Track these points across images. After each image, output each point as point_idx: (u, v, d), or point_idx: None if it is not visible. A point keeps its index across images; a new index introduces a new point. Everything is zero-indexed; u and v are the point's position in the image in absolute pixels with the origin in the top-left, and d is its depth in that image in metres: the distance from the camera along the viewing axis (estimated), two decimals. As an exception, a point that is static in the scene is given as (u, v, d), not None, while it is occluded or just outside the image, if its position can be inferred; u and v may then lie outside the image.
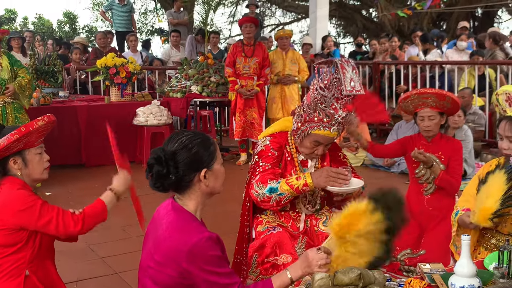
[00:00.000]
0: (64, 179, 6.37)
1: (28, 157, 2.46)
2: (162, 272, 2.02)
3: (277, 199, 2.77)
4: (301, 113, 2.84)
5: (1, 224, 2.35)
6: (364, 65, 9.65)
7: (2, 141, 2.34)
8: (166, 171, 2.04)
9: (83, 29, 22.76)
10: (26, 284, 2.38)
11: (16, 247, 2.37)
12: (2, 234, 2.36)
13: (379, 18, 15.51)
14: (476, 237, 2.91)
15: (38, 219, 2.36)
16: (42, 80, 7.85)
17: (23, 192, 2.40)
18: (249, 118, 7.40)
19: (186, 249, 1.96)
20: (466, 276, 1.96)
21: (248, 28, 7.37)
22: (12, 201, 2.37)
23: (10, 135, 2.34)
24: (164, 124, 7.37)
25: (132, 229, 4.64)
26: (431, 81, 8.27)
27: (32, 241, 2.40)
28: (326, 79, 2.74)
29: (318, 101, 2.75)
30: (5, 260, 2.37)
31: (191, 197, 2.12)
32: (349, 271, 2.08)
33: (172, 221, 2.06)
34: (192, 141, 2.09)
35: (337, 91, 2.72)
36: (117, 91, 7.64)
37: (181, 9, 11.71)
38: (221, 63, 8.28)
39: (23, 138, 2.38)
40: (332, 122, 2.75)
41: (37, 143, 2.49)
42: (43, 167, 2.52)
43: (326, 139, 2.83)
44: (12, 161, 2.43)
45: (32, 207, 2.36)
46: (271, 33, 13.04)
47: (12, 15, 22.08)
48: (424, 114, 3.50)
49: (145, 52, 11.01)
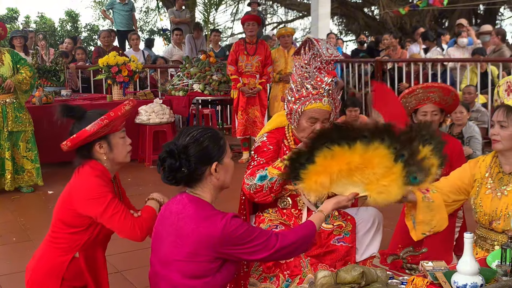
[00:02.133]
0: (66, 177, 6.32)
1: (113, 141, 2.50)
2: (194, 261, 2.10)
3: (269, 185, 2.79)
4: (290, 93, 2.90)
5: (70, 204, 2.43)
6: (366, 63, 9.64)
7: (92, 127, 2.38)
8: (178, 164, 2.10)
9: (85, 27, 22.79)
10: (72, 264, 2.44)
11: (76, 230, 2.44)
12: (69, 213, 2.44)
13: (381, 15, 15.48)
14: (452, 238, 2.96)
15: (103, 212, 2.39)
16: (44, 79, 7.85)
17: (99, 181, 2.43)
18: (251, 116, 7.40)
19: (217, 234, 2.06)
20: (469, 274, 1.96)
21: (250, 26, 7.36)
22: (86, 187, 2.42)
23: (100, 120, 2.38)
24: (166, 123, 7.37)
25: (135, 228, 4.64)
26: (433, 79, 8.25)
27: (92, 229, 2.46)
28: (306, 58, 2.88)
29: (303, 77, 2.85)
30: (62, 235, 2.45)
31: (204, 189, 2.20)
32: (351, 270, 2.08)
33: (194, 213, 2.13)
34: (203, 135, 2.16)
35: (318, 64, 2.85)
36: (119, 90, 7.65)
37: (183, 7, 11.70)
38: (223, 61, 8.27)
39: (111, 123, 2.43)
40: (320, 92, 2.82)
41: (121, 127, 2.54)
42: (127, 150, 2.56)
43: (321, 113, 2.84)
44: (98, 145, 2.47)
45: (101, 199, 2.39)
46: (273, 31, 13.00)
47: (14, 14, 22.10)
48: (427, 109, 3.49)
49: (148, 51, 11.01)
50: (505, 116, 2.62)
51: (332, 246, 2.89)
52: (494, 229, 2.68)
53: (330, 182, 2.45)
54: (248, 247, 2.12)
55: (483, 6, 15.53)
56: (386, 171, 2.44)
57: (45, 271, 2.45)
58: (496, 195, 2.68)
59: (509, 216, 2.60)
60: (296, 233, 2.27)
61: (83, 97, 8.06)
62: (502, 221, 2.63)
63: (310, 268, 2.79)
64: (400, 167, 2.44)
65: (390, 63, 9.19)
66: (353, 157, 2.42)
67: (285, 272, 2.77)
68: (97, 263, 2.55)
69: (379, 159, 2.43)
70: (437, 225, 2.81)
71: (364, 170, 2.45)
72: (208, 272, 2.11)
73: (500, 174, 2.72)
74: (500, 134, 2.64)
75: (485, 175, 2.76)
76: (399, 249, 3.53)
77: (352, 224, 2.96)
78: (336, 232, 2.93)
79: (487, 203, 2.70)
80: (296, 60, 2.91)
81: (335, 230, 2.93)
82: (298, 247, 2.27)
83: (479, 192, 2.76)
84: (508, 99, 2.66)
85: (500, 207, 2.65)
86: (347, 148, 2.42)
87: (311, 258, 2.83)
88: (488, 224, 2.70)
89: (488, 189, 2.73)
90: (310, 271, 2.77)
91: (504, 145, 2.64)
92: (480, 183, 2.77)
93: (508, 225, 2.60)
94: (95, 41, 21.59)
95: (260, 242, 2.13)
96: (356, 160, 2.43)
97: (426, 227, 2.80)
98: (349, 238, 2.91)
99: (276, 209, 3.00)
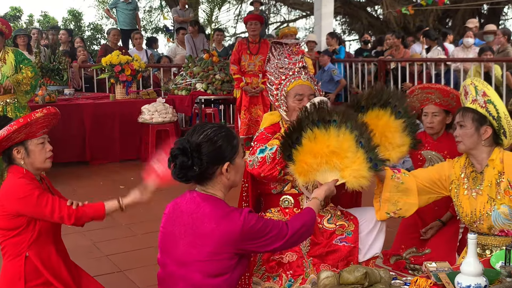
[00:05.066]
0: (68, 177, 6.37)
1: (30, 147, 2.59)
2: (215, 260, 2.10)
3: (270, 155, 2.79)
4: (271, 84, 3.14)
5: (3, 210, 2.53)
6: (369, 63, 9.62)
7: (2, 132, 2.48)
8: (190, 162, 2.09)
9: (88, 26, 22.79)
10: (27, 264, 2.55)
11: (17, 231, 2.54)
12: (5, 218, 2.53)
13: (384, 15, 15.46)
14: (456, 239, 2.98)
15: (34, 207, 2.50)
16: (47, 78, 7.86)
17: (23, 180, 2.54)
18: (254, 116, 7.39)
19: (238, 231, 2.08)
20: (473, 275, 1.94)
21: (253, 26, 7.35)
22: (12, 189, 2.53)
23: (9, 126, 2.49)
24: (169, 122, 7.37)
25: (137, 227, 4.64)
26: (437, 78, 8.23)
27: (32, 226, 2.55)
28: (275, 59, 3.19)
29: (277, 68, 3.13)
30: (8, 243, 2.56)
31: (215, 188, 2.19)
32: (354, 270, 2.07)
33: (211, 211, 2.12)
34: (217, 134, 2.14)
35: (285, 54, 3.16)
36: (122, 89, 7.65)
37: (186, 7, 11.71)
38: (226, 60, 8.26)
39: (22, 129, 2.50)
40: (296, 70, 3.09)
41: (39, 134, 2.61)
42: (45, 157, 2.64)
43: (304, 88, 3.05)
44: (15, 150, 2.58)
45: (29, 196, 2.50)
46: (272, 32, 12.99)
47: (17, 13, 22.13)
48: (428, 110, 3.49)
49: (150, 50, 11.01)
50: (461, 116, 2.68)
51: (334, 246, 2.88)
52: (480, 230, 2.69)
53: (317, 164, 2.67)
54: (265, 239, 2.15)
55: (487, 5, 15.48)
56: (354, 155, 2.68)
57: (8, 280, 2.56)
58: (471, 195, 2.71)
59: (488, 216, 2.63)
60: (301, 219, 2.34)
61: (86, 96, 8.07)
62: (484, 221, 2.66)
63: (313, 268, 2.78)
64: (362, 152, 2.68)
65: (393, 62, 9.17)
66: (330, 141, 2.67)
67: (287, 272, 2.77)
68: (51, 258, 2.62)
69: (348, 143, 2.67)
70: (403, 209, 2.84)
71: (339, 153, 2.67)
72: (227, 269, 2.12)
73: (474, 174, 2.74)
74: (460, 134, 2.69)
75: (461, 175, 2.79)
76: (402, 250, 3.53)
77: (354, 224, 2.95)
78: (339, 232, 2.92)
79: (466, 203, 2.73)
80: (267, 65, 3.22)
81: (338, 230, 2.92)
82: (304, 233, 2.32)
83: (458, 194, 2.78)
84: (466, 102, 2.72)
85: (479, 207, 2.68)
86: (324, 132, 2.67)
87: (313, 258, 2.82)
88: (471, 224, 2.72)
89: (465, 190, 2.75)
90: (313, 271, 2.77)
91: (466, 144, 2.68)
92: (457, 184, 2.80)
93: (490, 223, 2.63)
94: (98, 40, 21.60)
95: (275, 233, 2.17)
96: (333, 144, 2.66)
97: (391, 206, 2.85)
98: (351, 238, 2.91)
99: (278, 208, 3.00)
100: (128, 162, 7.21)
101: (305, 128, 2.68)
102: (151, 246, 4.16)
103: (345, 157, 2.68)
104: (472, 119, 2.65)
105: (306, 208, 2.45)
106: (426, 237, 3.49)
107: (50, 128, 2.69)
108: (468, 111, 2.67)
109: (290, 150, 2.72)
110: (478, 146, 2.68)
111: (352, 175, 2.68)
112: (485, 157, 2.70)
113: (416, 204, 2.84)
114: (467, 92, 2.72)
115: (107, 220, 2.60)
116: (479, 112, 2.64)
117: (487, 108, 2.62)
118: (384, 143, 2.92)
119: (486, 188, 2.67)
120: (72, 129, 7.04)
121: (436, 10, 14.54)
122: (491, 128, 2.64)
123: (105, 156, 7.28)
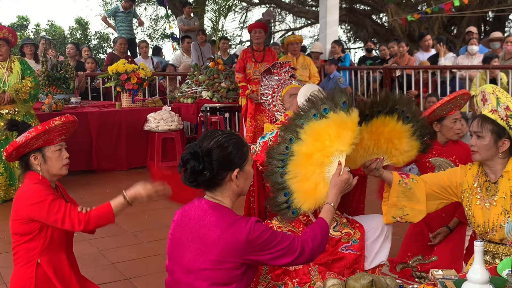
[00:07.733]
0: (75, 185, 6.39)
1: (47, 154, 2.63)
2: (220, 269, 2.08)
3: (271, 139, 2.98)
4: (266, 97, 3.53)
5: (17, 214, 2.56)
6: (375, 70, 9.62)
7: (20, 138, 2.52)
8: (201, 167, 2.10)
9: (95, 35, 22.92)
10: (38, 271, 2.56)
11: (30, 236, 2.56)
12: (18, 223, 2.56)
13: (389, 23, 15.47)
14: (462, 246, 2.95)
15: (47, 213, 2.51)
16: (54, 86, 7.89)
17: (38, 186, 2.56)
18: (260, 123, 7.40)
19: (243, 240, 2.05)
20: (479, 282, 1.94)
21: (257, 34, 7.39)
22: (27, 194, 2.56)
23: (27, 133, 2.53)
24: (174, 130, 7.40)
25: (143, 235, 4.65)
26: (442, 86, 8.22)
27: (44, 232, 2.57)
28: (266, 84, 3.64)
29: (269, 86, 3.55)
30: (20, 248, 2.58)
31: (224, 195, 2.19)
32: (360, 278, 2.07)
33: (217, 219, 2.11)
34: (228, 141, 2.15)
35: (274, 75, 3.62)
36: (128, 97, 7.69)
37: (192, 15, 11.76)
38: (231, 68, 8.29)
39: (40, 136, 2.55)
40: (286, 78, 3.53)
41: (57, 141, 2.66)
42: (62, 164, 2.69)
43: (297, 89, 3.37)
44: (32, 157, 2.61)
45: (42, 202, 2.51)
46: (282, 38, 13.02)
47: (24, 22, 22.28)
48: (458, 116, 3.50)
49: (156, 58, 11.05)
50: (480, 126, 2.60)
51: (340, 253, 2.88)
52: (492, 240, 2.65)
53: (323, 153, 2.65)
54: (273, 251, 2.11)
55: (492, 13, 15.48)
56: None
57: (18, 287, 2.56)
58: (484, 205, 2.65)
59: (501, 227, 2.58)
60: (313, 233, 2.25)
61: (92, 104, 8.11)
62: (497, 232, 2.60)
63: (319, 276, 2.78)
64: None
65: (398, 70, 9.17)
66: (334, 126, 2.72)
67: (294, 280, 2.76)
68: (62, 266, 2.63)
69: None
70: (409, 214, 2.82)
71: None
72: (234, 278, 2.10)
73: (487, 183, 2.68)
74: (477, 144, 2.62)
75: (474, 185, 2.73)
76: (408, 257, 3.51)
77: (360, 232, 2.95)
78: (344, 240, 2.92)
79: (479, 214, 2.67)
80: (261, 89, 3.64)
81: (343, 238, 2.92)
82: (317, 249, 2.24)
83: (471, 204, 2.72)
84: (484, 109, 2.64)
85: (492, 219, 2.61)
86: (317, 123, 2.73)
87: (319, 266, 2.82)
88: (484, 234, 2.67)
89: (478, 199, 2.69)
90: (319, 279, 2.77)
91: (482, 155, 2.62)
92: (469, 193, 2.73)
93: (503, 234, 2.58)
94: (105, 49, 21.70)
95: (285, 246, 2.12)
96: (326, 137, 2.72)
97: (398, 211, 2.83)
98: (357, 245, 2.90)
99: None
100: (134, 170, 7.24)
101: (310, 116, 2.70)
102: (157, 254, 4.16)
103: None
104: (492, 131, 2.58)
105: (319, 219, 2.36)
106: (435, 242, 3.48)
107: (68, 135, 2.74)
108: (487, 122, 2.59)
109: (293, 134, 2.73)
110: (494, 158, 2.62)
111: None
112: (500, 168, 2.63)
113: (423, 211, 2.81)
114: (486, 99, 2.64)
115: (113, 228, 2.61)
116: (498, 124, 2.56)
117: (507, 122, 2.55)
118: (391, 149, 2.90)
119: (500, 199, 2.61)
120: (78, 138, 7.06)
121: (441, 17, 14.54)
122: (509, 141, 2.58)
123: (111, 164, 7.31)
